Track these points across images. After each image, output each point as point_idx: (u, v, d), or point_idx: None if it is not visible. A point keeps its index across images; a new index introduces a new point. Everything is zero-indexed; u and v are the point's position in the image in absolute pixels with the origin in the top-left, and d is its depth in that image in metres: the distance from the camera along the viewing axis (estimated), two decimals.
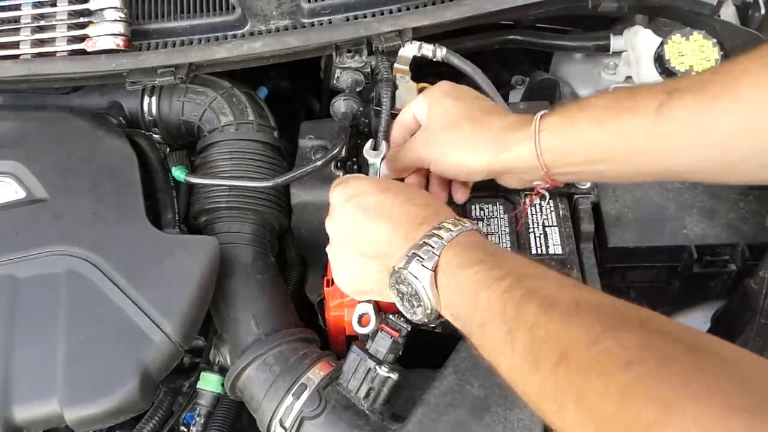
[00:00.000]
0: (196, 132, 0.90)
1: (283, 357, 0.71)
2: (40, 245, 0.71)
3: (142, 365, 0.64)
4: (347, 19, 0.86)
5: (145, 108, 0.89)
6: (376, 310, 0.71)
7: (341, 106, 0.84)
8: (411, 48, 0.82)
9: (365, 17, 0.86)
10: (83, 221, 0.73)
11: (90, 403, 0.63)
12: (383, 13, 0.86)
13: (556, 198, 0.84)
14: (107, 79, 0.85)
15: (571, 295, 0.48)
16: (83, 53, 0.84)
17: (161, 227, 0.78)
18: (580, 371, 0.42)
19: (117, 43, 0.84)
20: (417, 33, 0.85)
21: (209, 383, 0.77)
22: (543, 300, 0.48)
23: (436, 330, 0.76)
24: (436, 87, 0.77)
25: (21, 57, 0.84)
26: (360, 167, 0.87)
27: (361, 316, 0.71)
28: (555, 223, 0.82)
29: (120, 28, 0.85)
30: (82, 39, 0.84)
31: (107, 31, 0.84)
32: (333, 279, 0.75)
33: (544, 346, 0.46)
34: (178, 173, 0.83)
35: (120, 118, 0.89)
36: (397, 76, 0.84)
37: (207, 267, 0.71)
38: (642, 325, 0.43)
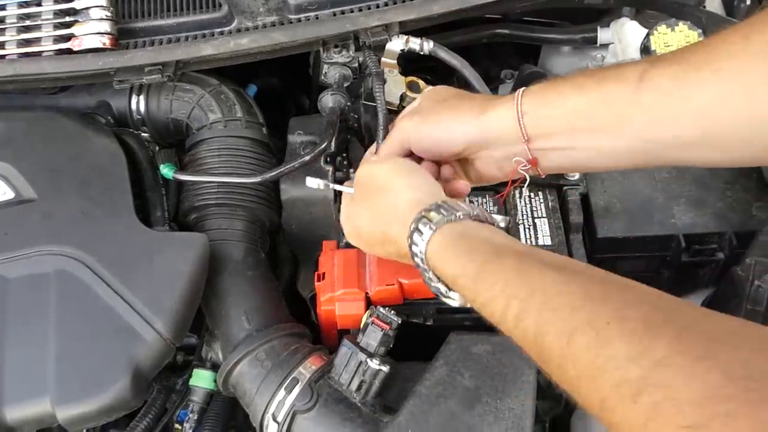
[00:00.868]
0: (184, 130, 0.90)
1: (275, 352, 0.71)
2: (29, 245, 0.71)
3: (133, 363, 0.64)
4: (334, 15, 0.86)
5: (134, 107, 0.89)
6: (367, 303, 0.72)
7: (329, 101, 0.84)
8: (398, 42, 0.82)
9: (352, 12, 0.86)
10: (72, 221, 0.73)
11: (82, 402, 0.63)
12: (370, 8, 0.86)
13: (545, 190, 0.84)
14: (94, 79, 0.85)
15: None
16: (69, 53, 0.84)
17: (151, 225, 0.79)
18: None
19: (103, 42, 0.84)
20: (404, 27, 0.85)
21: (202, 380, 0.77)
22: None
23: (427, 323, 0.77)
24: (427, 91, 0.77)
25: (7, 57, 0.83)
26: (351, 163, 0.87)
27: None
28: (544, 215, 0.82)
29: (106, 26, 0.84)
30: (68, 38, 0.84)
31: (93, 30, 0.84)
32: (324, 274, 0.75)
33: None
34: (166, 171, 0.83)
35: (108, 117, 0.89)
36: (385, 70, 0.84)
37: (197, 264, 0.71)
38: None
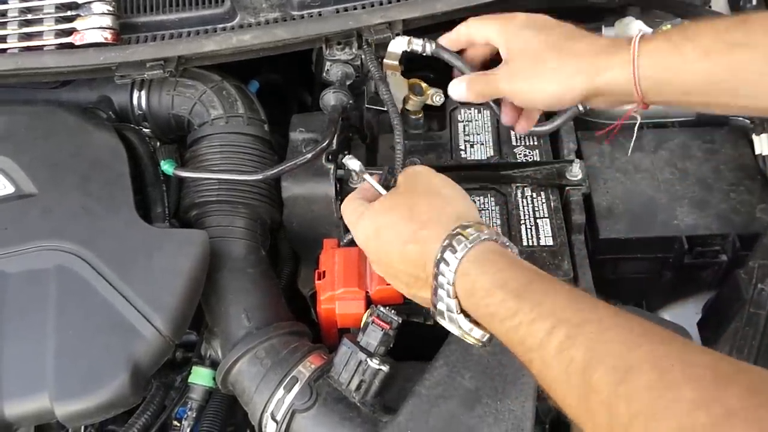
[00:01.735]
0: (186, 126, 0.89)
1: (274, 350, 0.70)
2: (29, 240, 0.71)
3: (132, 360, 0.64)
4: (337, 12, 0.86)
5: (135, 102, 0.89)
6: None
7: (330, 99, 0.83)
8: (400, 43, 0.81)
9: (355, 9, 0.85)
10: (72, 216, 0.73)
11: (80, 398, 0.63)
12: (373, 5, 0.85)
13: (547, 190, 0.84)
14: (96, 73, 0.84)
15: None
16: (71, 47, 0.83)
17: (151, 221, 0.78)
18: None
19: (105, 37, 0.83)
20: (407, 25, 0.84)
21: (201, 377, 0.77)
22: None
23: (427, 322, 0.77)
24: (510, 18, 0.72)
25: (8, 51, 0.83)
26: None
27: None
28: (546, 215, 0.82)
29: (108, 21, 0.84)
30: (69, 32, 0.84)
31: (95, 25, 0.83)
32: (324, 273, 0.75)
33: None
34: (166, 167, 0.82)
35: (109, 112, 0.88)
36: (388, 72, 0.83)
37: (197, 260, 0.71)
38: None
